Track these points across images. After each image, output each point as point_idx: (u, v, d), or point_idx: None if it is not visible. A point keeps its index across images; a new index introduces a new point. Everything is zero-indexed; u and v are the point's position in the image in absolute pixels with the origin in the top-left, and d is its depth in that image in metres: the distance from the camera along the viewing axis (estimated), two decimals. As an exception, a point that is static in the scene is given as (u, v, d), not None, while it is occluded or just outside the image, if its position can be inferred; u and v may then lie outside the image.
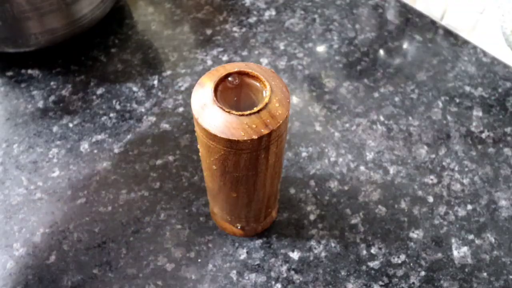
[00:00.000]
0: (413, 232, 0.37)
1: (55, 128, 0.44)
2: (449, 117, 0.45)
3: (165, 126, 0.44)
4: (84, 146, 0.42)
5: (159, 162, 0.41)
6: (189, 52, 0.50)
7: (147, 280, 0.35)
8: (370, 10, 0.54)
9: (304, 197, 0.39)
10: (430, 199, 0.39)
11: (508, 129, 0.44)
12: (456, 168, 0.41)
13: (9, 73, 0.48)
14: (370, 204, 0.39)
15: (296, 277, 0.35)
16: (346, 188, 0.40)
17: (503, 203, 0.39)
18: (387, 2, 0.55)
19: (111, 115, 0.45)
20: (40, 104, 0.45)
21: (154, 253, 0.36)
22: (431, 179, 0.40)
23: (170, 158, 0.41)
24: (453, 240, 0.37)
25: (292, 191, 0.40)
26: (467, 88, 0.47)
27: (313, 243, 0.37)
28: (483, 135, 0.43)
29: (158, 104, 0.45)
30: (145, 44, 0.51)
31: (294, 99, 0.46)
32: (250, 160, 0.27)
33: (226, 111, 0.25)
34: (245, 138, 0.25)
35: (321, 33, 0.52)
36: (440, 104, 0.45)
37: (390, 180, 0.40)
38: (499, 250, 0.37)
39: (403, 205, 0.39)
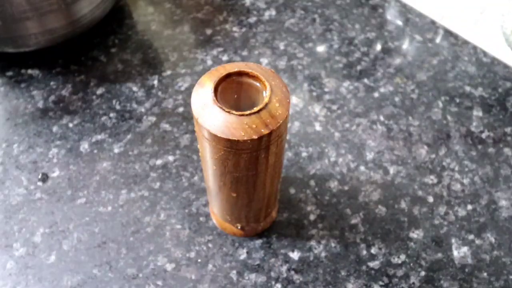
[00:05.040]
0: (413, 232, 0.37)
1: (55, 128, 0.44)
2: (449, 117, 0.45)
3: (165, 126, 0.44)
4: (84, 146, 0.42)
5: (159, 162, 0.41)
6: (189, 52, 0.50)
7: (147, 280, 0.35)
8: (370, 10, 0.54)
9: (304, 197, 0.39)
10: (430, 199, 0.39)
11: (508, 129, 0.44)
12: (456, 168, 0.41)
13: (9, 73, 0.48)
14: (370, 204, 0.39)
15: (296, 277, 0.35)
16: (346, 188, 0.40)
17: (503, 203, 0.39)
18: (387, 2, 0.55)
19: (111, 115, 0.45)
20: (40, 104, 0.45)
21: (154, 253, 0.36)
22: (431, 179, 0.40)
23: (170, 158, 0.41)
24: (453, 240, 0.37)
25: (292, 191, 0.40)
26: (467, 88, 0.47)
27: (313, 243, 0.37)
28: (483, 135, 0.43)
29: (158, 104, 0.45)
30: (145, 44, 0.51)
31: (294, 99, 0.46)
32: (250, 160, 0.27)
33: (226, 111, 0.25)
34: (245, 138, 0.25)
35: (321, 33, 0.52)
36: (440, 104, 0.45)
37: (390, 180, 0.40)
38: (499, 250, 0.37)
39: (403, 205, 0.39)
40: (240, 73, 0.27)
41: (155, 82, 0.47)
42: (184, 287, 0.35)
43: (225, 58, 0.49)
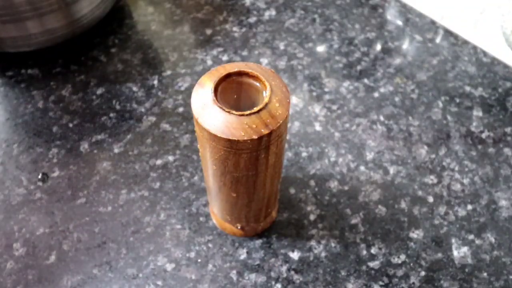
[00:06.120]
0: (413, 232, 0.37)
1: (55, 128, 0.44)
2: (449, 117, 0.45)
3: (165, 126, 0.44)
4: (84, 146, 0.42)
5: (159, 162, 0.41)
6: (189, 52, 0.50)
7: (147, 280, 0.35)
8: (370, 10, 0.54)
9: (304, 197, 0.39)
10: (430, 199, 0.39)
11: (508, 129, 0.44)
12: (456, 168, 0.41)
13: (9, 73, 0.48)
14: (370, 204, 0.39)
15: (296, 277, 0.35)
16: (346, 188, 0.40)
17: (503, 203, 0.39)
18: (387, 2, 0.55)
19: (111, 115, 0.45)
20: (40, 104, 0.45)
21: (154, 253, 0.36)
22: (431, 179, 0.40)
23: (170, 158, 0.41)
24: (453, 240, 0.37)
25: (292, 191, 0.40)
26: (467, 88, 0.47)
27: (313, 243, 0.37)
28: (483, 135, 0.43)
29: (158, 104, 0.45)
30: (145, 44, 0.51)
31: (294, 99, 0.46)
32: (250, 160, 0.27)
33: (226, 111, 0.25)
34: (245, 138, 0.25)
35: (321, 33, 0.52)
36: (440, 104, 0.45)
37: (390, 180, 0.40)
38: (499, 250, 0.37)
39: (403, 205, 0.39)
40: (240, 73, 0.27)
41: (155, 82, 0.47)
42: (184, 287, 0.35)
43: (225, 58, 0.49)
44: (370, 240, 0.37)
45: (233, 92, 0.27)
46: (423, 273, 0.35)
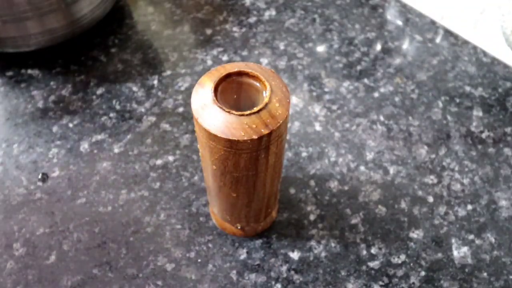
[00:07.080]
0: (413, 232, 0.37)
1: (55, 128, 0.44)
2: (449, 117, 0.45)
3: (165, 126, 0.44)
4: (84, 146, 0.42)
5: (159, 162, 0.41)
6: (189, 52, 0.50)
7: (147, 280, 0.35)
8: (370, 10, 0.54)
9: (304, 197, 0.39)
10: (430, 199, 0.39)
11: (508, 129, 0.44)
12: (456, 168, 0.41)
13: (9, 73, 0.48)
14: (370, 204, 0.39)
15: (296, 277, 0.35)
16: (346, 188, 0.40)
17: (503, 203, 0.39)
18: (387, 2, 0.55)
19: (111, 115, 0.45)
20: (40, 104, 0.45)
21: (154, 253, 0.36)
22: (431, 179, 0.40)
23: (170, 158, 0.41)
24: (453, 240, 0.37)
25: (292, 191, 0.40)
26: (467, 88, 0.47)
27: (313, 243, 0.37)
28: (483, 135, 0.43)
29: (158, 104, 0.45)
30: (145, 44, 0.51)
31: (294, 99, 0.46)
32: (250, 160, 0.27)
33: (226, 111, 0.25)
34: (245, 138, 0.25)
35: (321, 33, 0.52)
36: (440, 104, 0.45)
37: (390, 180, 0.40)
38: (499, 250, 0.37)
39: (403, 205, 0.39)
40: (240, 73, 0.27)
41: (155, 82, 0.47)
42: (184, 287, 0.35)
43: (225, 58, 0.49)
44: (370, 240, 0.37)
45: (233, 92, 0.27)
46: (423, 273, 0.35)
